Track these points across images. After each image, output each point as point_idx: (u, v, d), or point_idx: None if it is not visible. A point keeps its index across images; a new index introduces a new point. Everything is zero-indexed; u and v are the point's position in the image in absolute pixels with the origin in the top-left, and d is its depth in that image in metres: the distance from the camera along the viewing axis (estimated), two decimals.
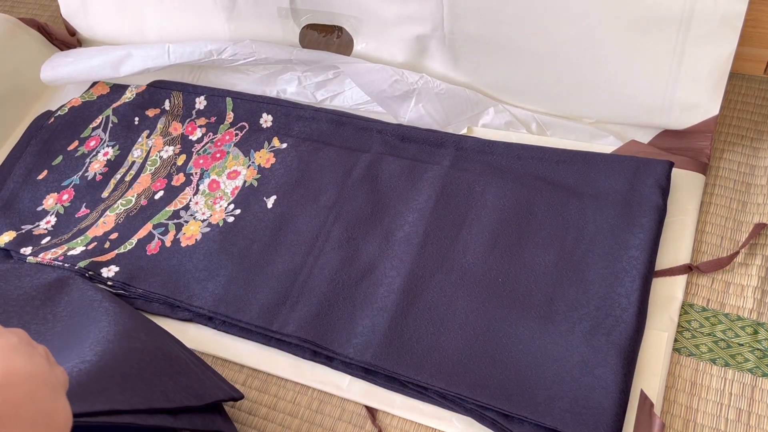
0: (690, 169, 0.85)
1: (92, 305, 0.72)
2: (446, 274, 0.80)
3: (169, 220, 0.93)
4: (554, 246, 0.80)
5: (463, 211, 0.85)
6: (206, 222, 0.92)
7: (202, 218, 0.93)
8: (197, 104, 1.06)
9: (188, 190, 0.96)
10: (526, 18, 0.84)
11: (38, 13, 1.31)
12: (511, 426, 0.69)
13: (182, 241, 0.90)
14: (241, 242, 0.88)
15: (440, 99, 0.94)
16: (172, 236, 0.91)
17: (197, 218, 0.93)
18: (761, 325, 0.74)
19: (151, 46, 1.06)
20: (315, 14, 1.00)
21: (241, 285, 0.84)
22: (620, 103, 0.87)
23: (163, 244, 0.91)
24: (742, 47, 0.79)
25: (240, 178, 0.96)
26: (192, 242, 0.90)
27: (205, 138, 1.02)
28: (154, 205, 0.96)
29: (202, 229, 0.91)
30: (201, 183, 0.97)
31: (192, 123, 1.04)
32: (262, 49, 1.00)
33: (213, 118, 1.04)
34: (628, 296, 0.74)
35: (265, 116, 1.02)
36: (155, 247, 0.91)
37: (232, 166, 0.97)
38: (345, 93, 1.02)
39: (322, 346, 0.77)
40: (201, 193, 0.95)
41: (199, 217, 0.93)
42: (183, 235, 0.91)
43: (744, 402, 0.70)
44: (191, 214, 0.93)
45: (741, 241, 0.81)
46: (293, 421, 0.76)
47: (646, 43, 0.81)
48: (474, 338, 0.74)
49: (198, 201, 0.95)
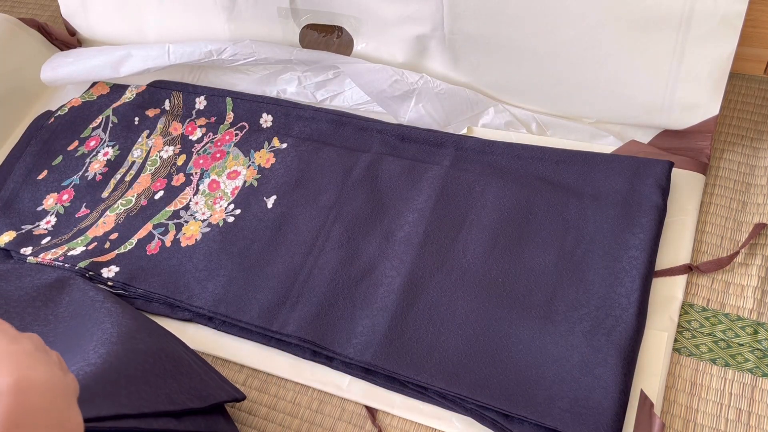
0: (690, 169, 0.85)
1: (93, 306, 0.72)
2: (446, 274, 0.80)
3: (169, 220, 0.93)
4: (554, 246, 0.80)
5: (463, 211, 0.85)
6: (206, 222, 0.92)
7: (202, 218, 0.93)
8: (197, 104, 1.06)
9: (188, 190, 0.96)
10: (526, 18, 0.84)
11: (38, 13, 1.31)
12: (511, 426, 0.69)
13: (182, 241, 0.90)
14: (241, 242, 0.88)
15: (440, 99, 0.94)
16: (172, 236, 0.91)
17: (197, 218, 0.93)
18: (761, 325, 0.74)
19: (151, 47, 1.06)
20: (315, 14, 1.00)
21: (241, 285, 0.84)
22: (620, 103, 0.87)
23: (163, 244, 0.91)
24: (742, 47, 0.79)
25: (240, 178, 0.96)
26: (192, 242, 0.90)
27: (205, 138, 1.02)
28: (154, 205, 0.96)
29: (202, 229, 0.91)
30: (201, 183, 0.97)
31: (192, 123, 1.04)
32: (262, 49, 1.00)
33: (213, 118, 1.04)
34: (628, 296, 0.74)
35: (265, 116, 1.02)
36: (155, 247, 0.91)
37: (232, 166, 0.97)
38: (345, 93, 1.02)
39: (322, 346, 0.77)
40: (201, 193, 0.95)
41: (199, 217, 0.93)
42: (183, 235, 0.91)
43: (744, 402, 0.70)
44: (191, 214, 0.93)
45: (741, 241, 0.81)
46: (293, 421, 0.76)
47: (646, 43, 0.81)
48: (474, 338, 0.74)
49: (198, 201, 0.95)
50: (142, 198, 0.97)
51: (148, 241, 0.91)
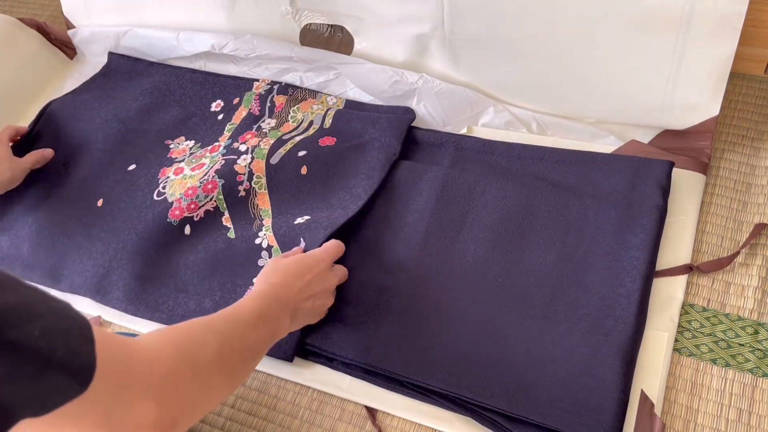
0: (690, 169, 0.85)
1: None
2: (446, 275, 0.80)
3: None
4: (555, 246, 0.79)
5: (463, 211, 0.84)
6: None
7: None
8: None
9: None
10: (526, 18, 0.84)
11: (38, 13, 1.31)
12: (512, 426, 0.68)
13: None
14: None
15: (440, 98, 0.94)
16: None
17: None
18: (762, 326, 0.74)
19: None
20: (315, 14, 1.00)
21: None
22: (620, 103, 0.87)
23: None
24: (742, 47, 0.79)
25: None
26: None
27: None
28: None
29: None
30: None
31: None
32: (263, 45, 1.01)
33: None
34: (629, 296, 0.73)
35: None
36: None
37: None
38: (347, 93, 1.02)
39: (322, 347, 0.77)
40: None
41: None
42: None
43: (744, 402, 0.70)
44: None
45: (741, 241, 0.80)
46: (293, 421, 0.76)
47: (646, 43, 0.81)
48: (474, 338, 0.74)
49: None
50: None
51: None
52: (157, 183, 0.92)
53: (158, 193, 0.91)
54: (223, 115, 1.01)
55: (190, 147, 0.97)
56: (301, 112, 0.97)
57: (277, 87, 1.01)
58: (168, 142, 0.99)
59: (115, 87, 1.09)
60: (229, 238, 0.85)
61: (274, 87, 1.01)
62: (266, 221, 0.86)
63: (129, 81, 1.09)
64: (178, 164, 0.94)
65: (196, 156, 0.95)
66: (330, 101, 0.99)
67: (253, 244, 0.84)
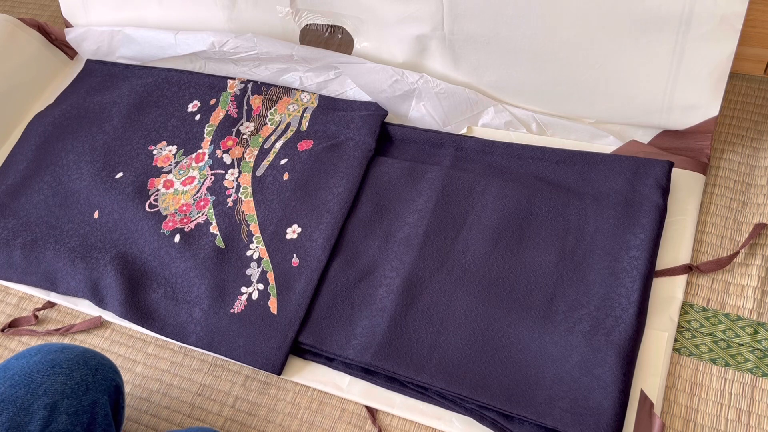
0: (690, 169, 0.85)
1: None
2: (446, 275, 0.80)
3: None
4: (555, 246, 0.79)
5: (463, 211, 0.85)
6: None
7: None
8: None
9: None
10: (526, 18, 0.84)
11: (38, 13, 1.31)
12: (511, 426, 0.69)
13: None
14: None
15: (440, 99, 0.94)
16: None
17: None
18: (761, 325, 0.74)
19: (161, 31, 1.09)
20: (315, 14, 1.00)
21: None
22: (620, 103, 0.87)
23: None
24: (742, 47, 0.79)
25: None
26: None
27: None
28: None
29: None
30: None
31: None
32: (264, 44, 1.01)
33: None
34: (629, 296, 0.74)
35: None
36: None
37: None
38: (346, 93, 1.02)
39: (321, 348, 0.77)
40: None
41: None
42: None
43: (744, 402, 0.70)
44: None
45: (741, 241, 0.81)
46: (293, 421, 0.76)
47: (645, 43, 0.81)
48: (474, 338, 0.74)
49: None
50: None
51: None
52: (147, 195, 0.94)
53: (150, 204, 0.93)
54: (200, 115, 1.02)
55: (174, 153, 0.98)
56: (279, 114, 0.99)
57: (252, 86, 1.03)
58: (151, 147, 1.00)
59: (92, 92, 1.10)
60: (218, 247, 0.86)
61: (248, 86, 1.03)
62: (252, 226, 0.88)
63: (106, 86, 1.11)
64: (166, 175, 0.96)
65: (183, 166, 0.96)
66: (304, 98, 1.00)
67: (244, 255, 0.85)
